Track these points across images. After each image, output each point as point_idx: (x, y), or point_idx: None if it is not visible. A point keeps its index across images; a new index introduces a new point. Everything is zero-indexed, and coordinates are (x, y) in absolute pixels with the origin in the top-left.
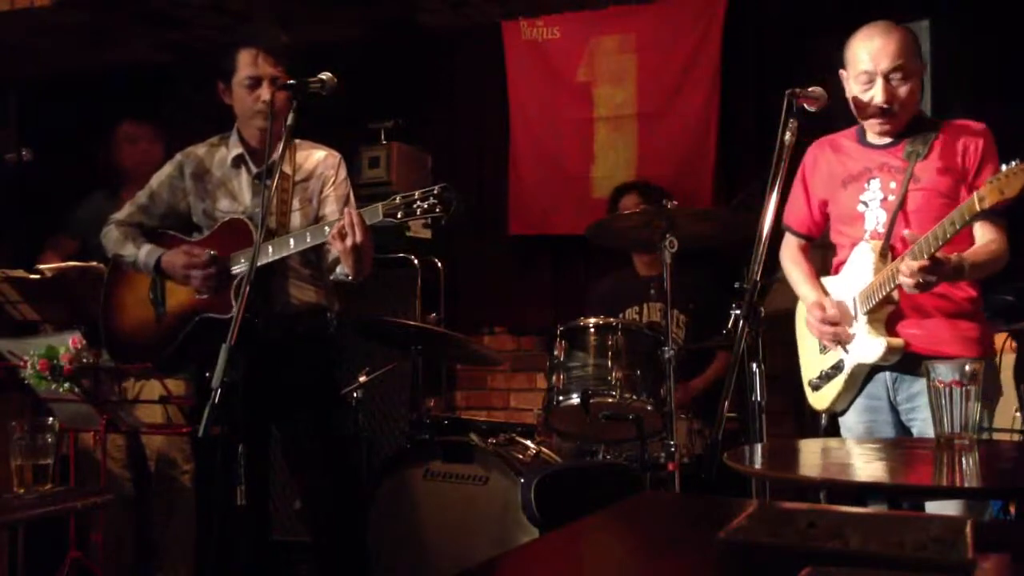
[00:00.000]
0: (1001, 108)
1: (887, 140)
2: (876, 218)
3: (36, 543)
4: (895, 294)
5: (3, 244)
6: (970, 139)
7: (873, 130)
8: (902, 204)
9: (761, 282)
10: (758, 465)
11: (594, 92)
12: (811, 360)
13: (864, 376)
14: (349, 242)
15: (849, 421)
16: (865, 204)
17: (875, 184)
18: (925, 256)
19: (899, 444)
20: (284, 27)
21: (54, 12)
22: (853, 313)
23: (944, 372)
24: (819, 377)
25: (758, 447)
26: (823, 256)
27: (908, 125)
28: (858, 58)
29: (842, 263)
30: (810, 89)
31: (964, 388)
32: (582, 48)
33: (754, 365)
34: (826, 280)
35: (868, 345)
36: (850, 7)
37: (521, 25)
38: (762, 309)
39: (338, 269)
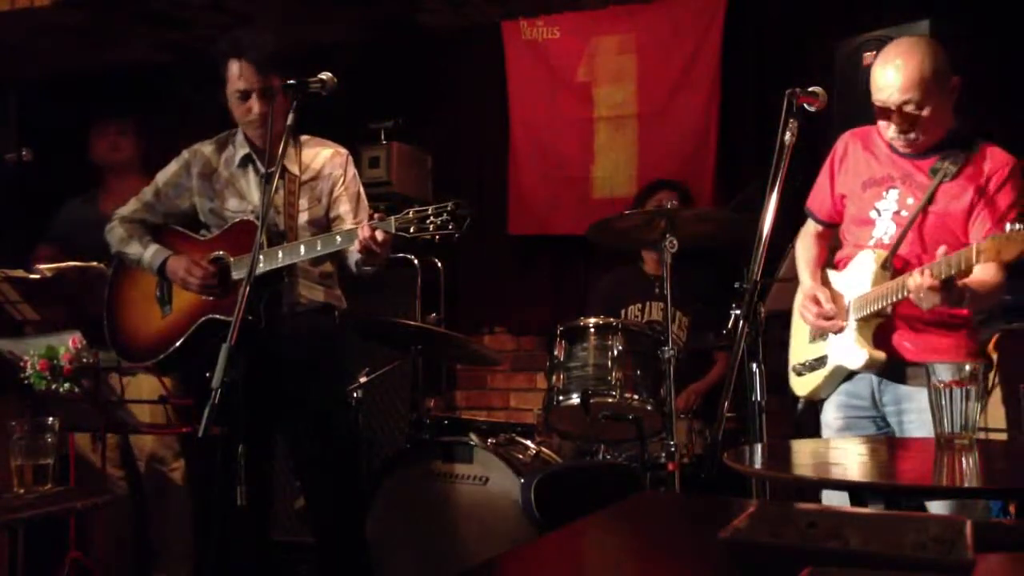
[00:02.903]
0: (1001, 109)
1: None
2: (885, 228)
3: (36, 543)
4: (889, 309)
5: (3, 244)
6: (994, 168)
7: (901, 149)
8: (914, 222)
9: (761, 282)
10: (758, 465)
11: (594, 92)
12: (799, 347)
13: (844, 376)
14: (372, 252)
15: (828, 417)
16: (878, 212)
17: (893, 194)
18: (936, 279)
19: (899, 444)
20: (278, 30)
21: (54, 12)
22: (846, 314)
23: (944, 372)
24: (803, 365)
25: (758, 447)
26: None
27: (944, 139)
28: (875, 85)
29: (844, 261)
30: (810, 89)
31: (964, 388)
32: (582, 48)
33: (754, 365)
34: (831, 273)
35: (852, 353)
36: (850, 7)
37: (521, 25)
38: (762, 309)
39: (364, 266)
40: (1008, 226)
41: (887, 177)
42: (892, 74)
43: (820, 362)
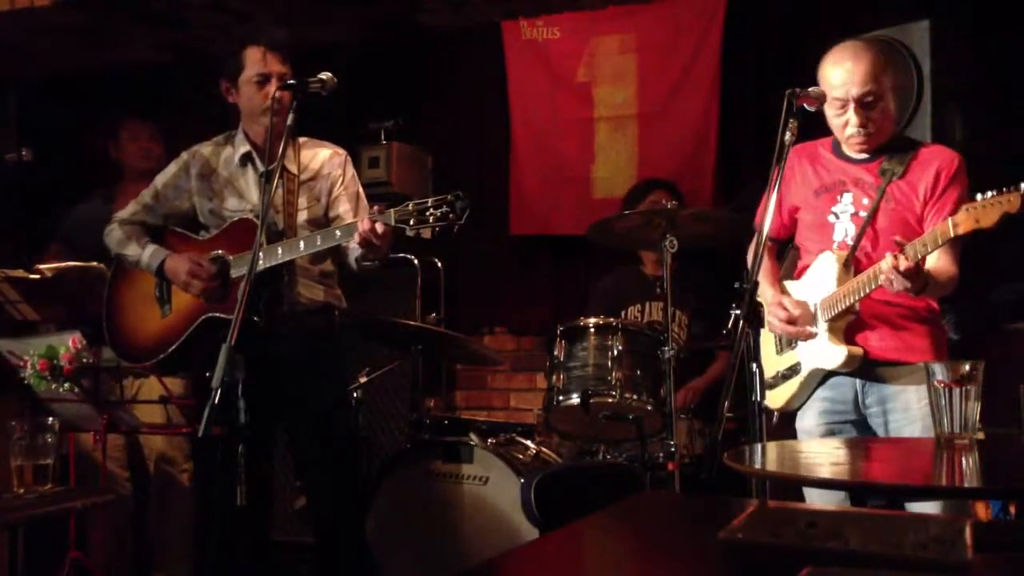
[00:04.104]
0: (1001, 108)
1: (864, 156)
2: (845, 230)
3: (36, 543)
4: (858, 306)
5: (3, 244)
6: (943, 163)
7: (851, 150)
8: (871, 220)
9: (761, 282)
10: (758, 465)
11: (594, 92)
12: (768, 360)
13: (820, 379)
14: (376, 246)
15: (808, 424)
16: (836, 216)
17: (847, 197)
18: (912, 261)
19: (898, 444)
20: (285, 27)
21: (54, 12)
22: (814, 318)
23: (944, 372)
24: (774, 377)
25: (758, 447)
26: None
27: (887, 143)
28: (830, 84)
29: (806, 268)
30: (810, 89)
31: (964, 388)
32: (582, 48)
33: (754, 365)
34: (789, 284)
35: (829, 352)
36: (850, 7)
37: (521, 25)
38: (762, 309)
39: (364, 262)
40: (980, 196)
41: (839, 182)
42: (850, 66)
43: (792, 371)
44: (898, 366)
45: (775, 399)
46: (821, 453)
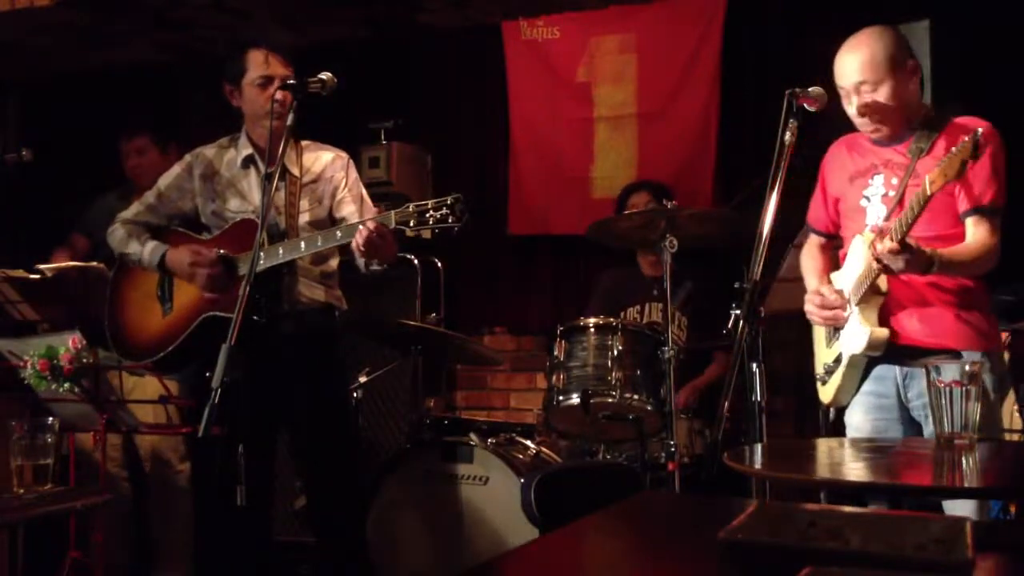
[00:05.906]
0: (1001, 108)
1: (895, 137)
2: (877, 213)
3: (36, 543)
4: (881, 284)
5: (3, 244)
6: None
7: (873, 137)
8: (900, 200)
9: (761, 282)
10: (758, 465)
11: (594, 92)
12: (820, 354)
13: (863, 368)
14: (379, 249)
15: (856, 420)
16: (867, 199)
17: (878, 180)
18: (894, 241)
19: (898, 444)
20: (286, 28)
21: (54, 12)
22: (847, 304)
23: (944, 372)
24: (825, 371)
25: (758, 447)
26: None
27: (917, 122)
28: (836, 74)
29: (843, 258)
30: (810, 89)
31: (964, 388)
32: (582, 48)
33: (754, 365)
34: (834, 275)
35: (855, 335)
36: (850, 7)
37: (521, 25)
38: (762, 309)
39: (372, 265)
40: (954, 148)
41: (870, 166)
42: (846, 59)
43: (837, 361)
44: (936, 354)
45: (825, 394)
46: (822, 452)
